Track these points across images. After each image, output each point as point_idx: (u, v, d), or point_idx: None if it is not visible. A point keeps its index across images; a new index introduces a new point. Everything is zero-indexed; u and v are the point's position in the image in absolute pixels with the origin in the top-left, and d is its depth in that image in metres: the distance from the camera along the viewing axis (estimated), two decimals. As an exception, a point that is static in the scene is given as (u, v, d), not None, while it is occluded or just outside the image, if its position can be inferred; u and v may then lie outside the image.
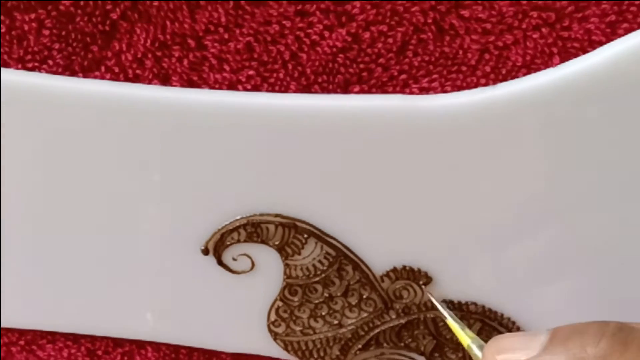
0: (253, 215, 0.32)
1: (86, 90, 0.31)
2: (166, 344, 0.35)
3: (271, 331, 0.33)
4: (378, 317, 0.33)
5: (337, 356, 0.33)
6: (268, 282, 0.33)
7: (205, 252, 0.32)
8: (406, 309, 0.33)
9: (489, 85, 0.31)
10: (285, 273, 0.32)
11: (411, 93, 0.31)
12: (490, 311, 0.32)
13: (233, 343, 0.34)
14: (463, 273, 0.32)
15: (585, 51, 0.30)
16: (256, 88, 0.32)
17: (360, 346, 0.33)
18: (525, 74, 0.30)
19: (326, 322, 0.33)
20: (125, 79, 0.32)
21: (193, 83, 0.32)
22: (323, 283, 0.32)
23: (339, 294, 0.33)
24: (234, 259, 0.32)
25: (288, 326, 0.33)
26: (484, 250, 0.31)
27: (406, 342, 0.33)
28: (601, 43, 0.30)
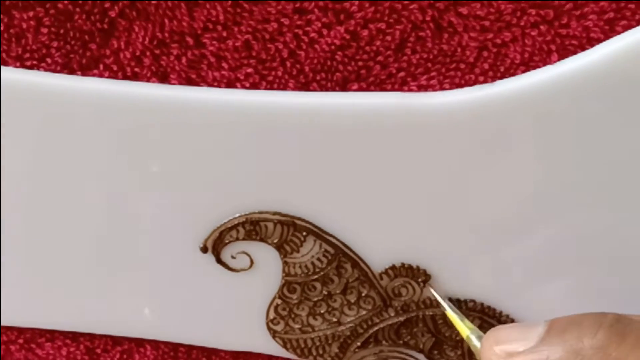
0: (252, 213, 0.32)
1: (84, 88, 0.31)
2: (165, 342, 0.35)
3: (270, 329, 0.33)
4: (377, 315, 0.33)
5: (336, 354, 0.33)
6: (267, 280, 0.33)
7: (204, 250, 0.32)
8: (405, 307, 0.33)
9: (488, 82, 0.31)
10: (284, 271, 0.32)
11: (409, 91, 0.31)
12: (489, 308, 0.32)
13: (232, 341, 0.34)
14: (462, 270, 0.32)
15: (583, 49, 0.30)
16: (255, 86, 0.32)
17: (359, 344, 0.33)
18: (523, 72, 0.30)
19: (325, 320, 0.33)
20: (123, 77, 0.32)
21: (191, 81, 0.32)
22: (322, 281, 0.32)
23: (338, 292, 0.33)
24: (233, 257, 0.32)
25: (287, 324, 0.33)
26: (483, 247, 0.31)
27: (405, 340, 0.33)
28: (599, 40, 0.30)
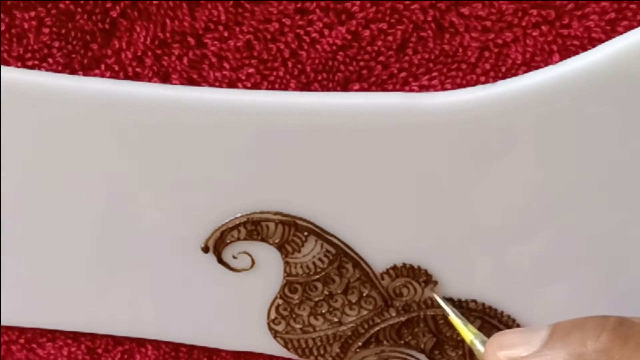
0: (253, 213, 0.32)
1: (86, 88, 0.31)
2: (166, 342, 0.35)
3: (271, 329, 0.33)
4: (378, 315, 0.33)
5: (337, 354, 0.33)
6: (268, 280, 0.33)
7: (205, 250, 0.32)
8: (406, 307, 0.33)
9: (489, 83, 0.31)
10: (285, 271, 0.32)
11: (411, 91, 0.31)
12: (490, 309, 0.32)
13: (233, 341, 0.34)
14: (463, 271, 0.32)
15: (585, 49, 0.30)
16: (256, 86, 0.32)
17: (360, 344, 0.33)
18: (525, 72, 0.30)
19: (326, 320, 0.33)
20: (125, 77, 0.32)
21: (193, 81, 0.32)
22: (323, 281, 0.32)
23: (339, 292, 0.33)
24: (234, 257, 0.32)
25: (288, 324, 0.33)
26: (484, 248, 0.31)
27: (406, 340, 0.33)
28: (601, 41, 0.30)
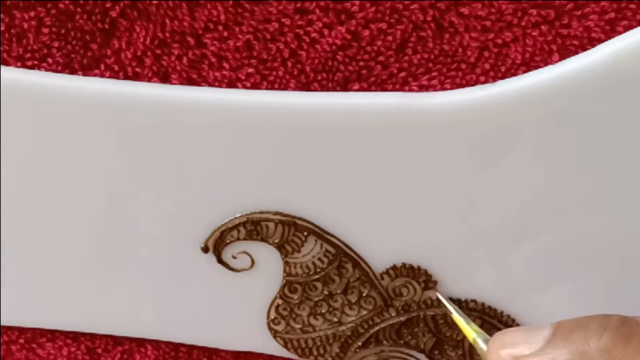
0: (253, 213, 0.32)
1: (86, 88, 0.31)
2: (166, 342, 0.35)
3: (271, 329, 0.33)
4: (378, 315, 0.33)
5: (337, 354, 0.33)
6: (268, 280, 0.33)
7: (205, 250, 0.32)
8: (406, 307, 0.33)
9: (489, 82, 0.31)
10: (285, 271, 0.32)
11: (410, 91, 0.31)
12: (490, 309, 0.32)
13: (233, 341, 0.34)
14: (463, 270, 0.32)
15: (584, 49, 0.30)
16: (255, 86, 0.32)
17: (360, 344, 0.33)
18: (524, 72, 0.30)
19: (326, 320, 0.33)
20: (124, 77, 0.32)
21: (192, 81, 0.32)
22: (323, 281, 0.32)
23: (339, 292, 0.33)
24: (234, 257, 0.32)
25: (288, 324, 0.33)
26: (484, 248, 0.31)
27: (406, 340, 0.33)
28: (600, 40, 0.30)
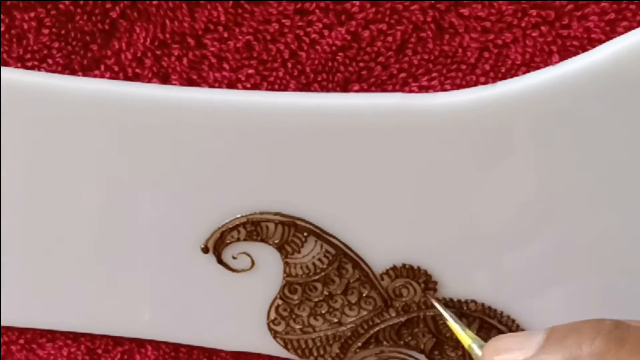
0: (253, 213, 0.32)
1: (86, 89, 0.31)
2: (166, 343, 0.35)
3: (271, 329, 0.33)
4: (378, 316, 0.33)
5: (337, 354, 0.33)
6: (268, 281, 0.33)
7: (205, 251, 0.32)
8: (406, 307, 0.33)
9: (489, 83, 0.31)
10: (285, 271, 0.32)
11: (411, 91, 0.31)
12: (489, 309, 0.32)
13: (233, 341, 0.34)
14: (463, 271, 0.32)
15: (584, 49, 0.30)
16: (256, 87, 0.32)
17: (359, 344, 0.33)
18: (524, 73, 0.30)
19: (326, 321, 0.33)
20: (124, 78, 0.32)
21: (192, 82, 0.32)
22: (323, 281, 0.32)
23: (339, 292, 0.33)
24: (234, 258, 0.32)
25: (288, 324, 0.33)
26: (484, 248, 0.31)
27: (406, 340, 0.33)
28: (600, 41, 0.30)
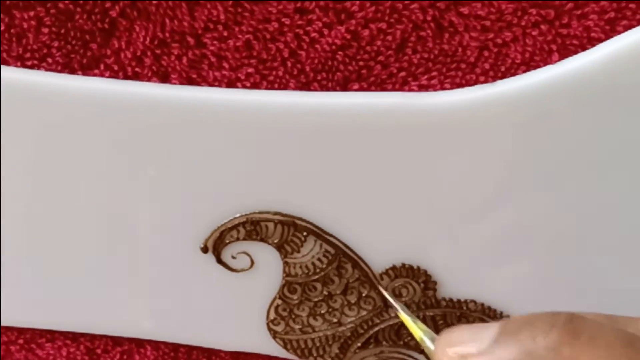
0: (252, 213, 0.32)
1: (85, 88, 0.31)
2: (165, 343, 0.35)
3: (270, 329, 0.33)
4: (377, 315, 0.33)
5: (337, 354, 0.33)
6: (267, 280, 0.33)
7: (204, 250, 0.32)
8: (405, 307, 0.32)
9: (488, 82, 0.31)
10: (284, 271, 0.32)
11: (410, 90, 0.31)
12: (489, 309, 0.32)
13: (232, 341, 0.34)
14: (462, 271, 0.32)
15: (584, 48, 0.30)
16: (255, 86, 0.32)
17: (359, 344, 0.33)
18: (524, 71, 0.30)
19: (325, 321, 0.33)
20: (124, 77, 0.32)
21: (192, 81, 0.32)
22: (322, 281, 0.32)
23: (338, 292, 0.33)
24: (233, 257, 0.32)
25: (287, 324, 0.33)
26: (484, 248, 0.31)
27: (405, 341, 0.33)
28: (600, 40, 0.30)
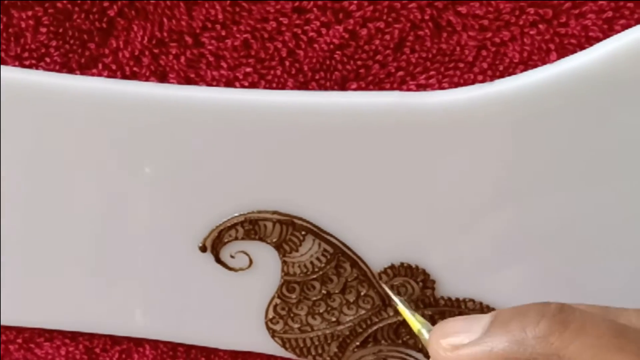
0: (251, 212, 0.32)
1: (83, 87, 0.31)
2: (164, 342, 0.35)
3: (269, 328, 0.33)
4: (376, 314, 0.33)
5: (335, 353, 0.33)
6: (266, 280, 0.33)
7: (203, 250, 0.32)
8: (404, 300, 0.32)
9: (486, 81, 0.31)
10: (283, 270, 0.32)
11: (408, 90, 0.31)
12: (488, 308, 0.32)
13: (231, 340, 0.34)
14: (461, 270, 0.32)
15: (582, 47, 0.30)
16: (253, 85, 0.32)
17: (358, 343, 0.33)
18: (522, 71, 0.30)
19: (324, 320, 0.33)
20: (122, 77, 0.32)
21: (190, 80, 0.32)
22: (321, 280, 0.32)
23: (337, 291, 0.33)
24: (232, 256, 0.32)
25: (286, 323, 0.33)
26: (482, 247, 0.31)
27: (404, 339, 0.33)
28: (598, 39, 0.30)
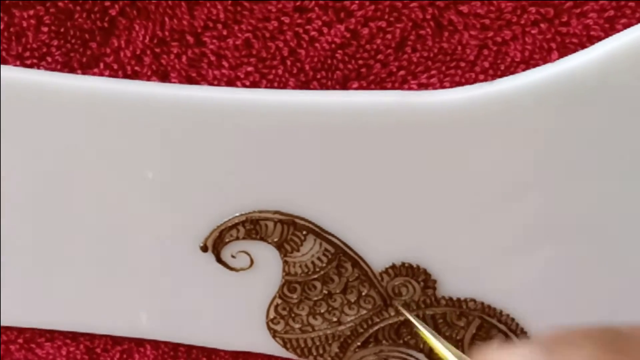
0: (252, 212, 0.32)
1: (85, 87, 0.31)
2: (165, 342, 0.35)
3: (270, 329, 0.33)
4: (377, 314, 0.33)
5: (336, 354, 0.33)
6: (267, 279, 0.33)
7: (204, 250, 0.32)
8: (405, 306, 0.32)
9: (488, 81, 0.31)
10: (284, 270, 0.32)
11: (410, 89, 0.31)
12: (489, 308, 0.32)
13: (232, 341, 0.34)
14: (462, 269, 0.32)
15: (583, 47, 0.30)
16: (255, 84, 0.32)
17: (359, 343, 0.33)
18: (524, 70, 0.30)
19: (325, 320, 0.33)
20: (123, 76, 0.32)
21: (192, 79, 0.32)
22: (322, 280, 0.32)
23: (338, 291, 0.33)
24: (233, 256, 0.32)
25: (287, 323, 0.33)
26: (484, 246, 0.31)
27: (405, 340, 0.33)
28: (600, 38, 0.30)
